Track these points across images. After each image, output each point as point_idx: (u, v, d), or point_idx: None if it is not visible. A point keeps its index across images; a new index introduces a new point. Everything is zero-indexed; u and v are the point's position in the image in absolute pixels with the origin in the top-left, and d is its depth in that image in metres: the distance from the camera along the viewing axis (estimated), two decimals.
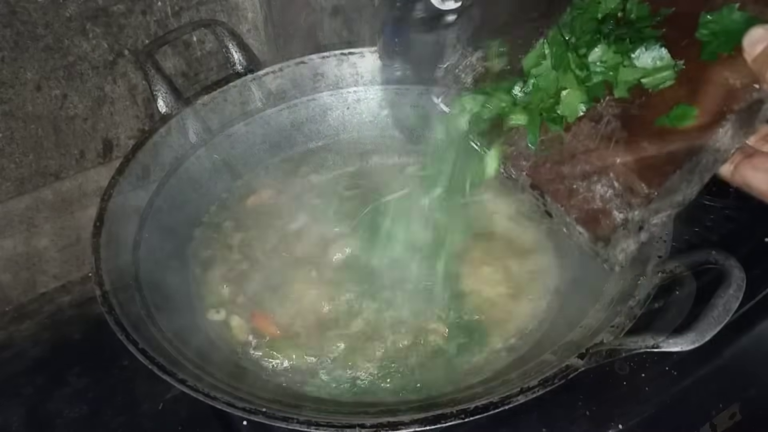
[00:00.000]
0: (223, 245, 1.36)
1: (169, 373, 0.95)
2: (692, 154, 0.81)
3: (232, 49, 1.43)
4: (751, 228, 1.38)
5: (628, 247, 0.86)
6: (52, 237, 1.51)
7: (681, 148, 0.82)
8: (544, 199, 0.91)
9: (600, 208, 0.86)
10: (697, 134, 0.82)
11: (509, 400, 0.91)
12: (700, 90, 0.84)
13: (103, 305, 1.04)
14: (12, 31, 1.27)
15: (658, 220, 0.85)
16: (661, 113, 0.85)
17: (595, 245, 0.86)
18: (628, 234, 0.84)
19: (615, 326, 0.97)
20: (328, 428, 0.90)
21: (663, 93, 0.86)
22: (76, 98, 1.41)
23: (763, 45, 0.77)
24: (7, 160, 1.38)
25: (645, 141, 0.85)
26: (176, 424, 1.20)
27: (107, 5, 1.35)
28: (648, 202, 0.83)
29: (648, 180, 0.83)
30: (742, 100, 0.80)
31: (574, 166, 0.89)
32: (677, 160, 0.82)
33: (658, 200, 0.83)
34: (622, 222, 0.84)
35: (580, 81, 0.91)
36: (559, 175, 0.90)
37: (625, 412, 1.12)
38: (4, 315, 1.49)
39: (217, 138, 1.45)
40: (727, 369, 1.17)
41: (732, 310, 0.89)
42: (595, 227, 0.86)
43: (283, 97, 1.51)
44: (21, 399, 1.28)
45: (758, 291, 1.14)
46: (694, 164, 0.82)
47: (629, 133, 0.87)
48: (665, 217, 0.86)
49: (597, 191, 0.86)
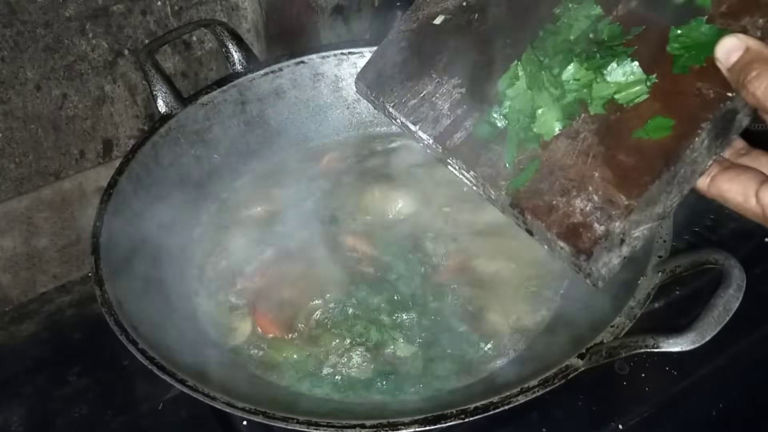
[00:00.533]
0: (223, 246, 1.36)
1: (169, 373, 0.95)
2: (670, 164, 0.81)
3: (231, 48, 1.43)
4: (751, 228, 1.38)
5: (611, 261, 0.86)
6: (52, 237, 1.51)
7: (658, 158, 0.82)
8: (524, 216, 0.91)
9: (580, 222, 0.86)
10: (673, 144, 0.82)
11: (509, 400, 0.91)
12: (674, 102, 0.84)
13: (103, 305, 1.04)
14: (12, 31, 1.27)
15: (639, 233, 0.85)
16: (637, 126, 0.85)
17: (578, 259, 0.86)
18: (610, 247, 0.84)
19: (615, 326, 0.97)
20: (328, 428, 0.90)
21: (638, 107, 0.86)
22: (76, 98, 1.41)
23: (737, 53, 0.77)
24: (7, 160, 1.38)
25: (622, 154, 0.85)
26: (176, 424, 1.20)
27: (107, 5, 1.35)
28: (628, 213, 0.83)
29: (627, 191, 0.83)
30: (716, 108, 0.80)
31: (553, 183, 0.89)
32: (655, 170, 0.82)
33: (638, 211, 0.83)
34: (603, 234, 0.84)
35: (555, 99, 0.91)
36: (538, 192, 0.90)
37: (625, 412, 1.13)
38: (4, 315, 1.49)
39: (217, 138, 1.45)
40: (727, 369, 1.17)
41: (732, 310, 0.89)
42: (576, 241, 0.85)
43: (282, 97, 1.50)
44: (21, 399, 1.28)
45: (758, 291, 1.14)
46: (672, 174, 0.82)
47: (606, 148, 0.87)
48: (646, 230, 0.86)
49: (577, 206, 0.86)
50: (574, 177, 0.88)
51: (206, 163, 1.44)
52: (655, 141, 0.83)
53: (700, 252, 0.98)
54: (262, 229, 1.37)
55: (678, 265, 1.01)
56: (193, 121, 1.40)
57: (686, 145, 0.81)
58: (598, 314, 1.03)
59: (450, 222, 1.34)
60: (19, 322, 1.47)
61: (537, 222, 0.89)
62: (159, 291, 1.21)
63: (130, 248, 1.20)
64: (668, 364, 1.18)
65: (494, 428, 1.11)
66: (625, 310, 0.98)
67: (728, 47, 0.78)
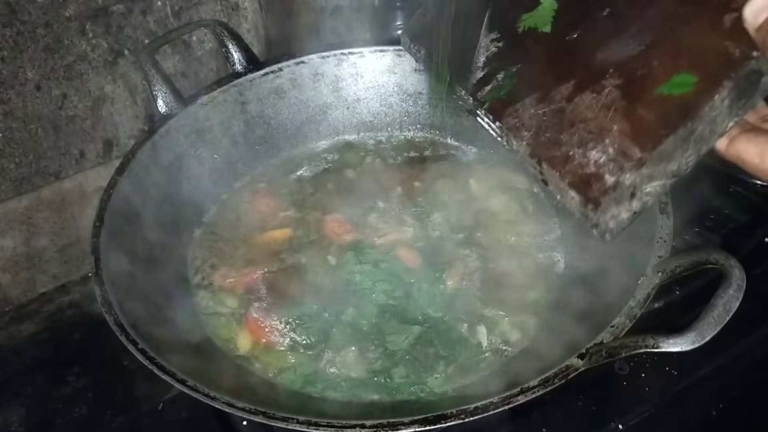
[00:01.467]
0: (223, 247, 1.36)
1: (169, 373, 0.95)
2: (687, 119, 0.82)
3: (231, 49, 1.43)
4: (751, 228, 1.38)
5: (620, 214, 0.86)
6: (52, 237, 1.51)
7: (676, 113, 0.83)
8: (541, 167, 0.93)
9: (593, 173, 0.87)
10: (693, 100, 0.83)
11: (509, 400, 0.91)
12: (700, 59, 0.85)
13: (103, 305, 1.04)
14: (12, 31, 1.27)
15: (651, 188, 0.86)
16: (661, 82, 0.86)
17: (586, 208, 0.87)
18: (619, 199, 0.85)
19: (615, 326, 0.97)
20: (328, 428, 0.90)
21: (664, 62, 0.87)
22: (76, 98, 1.41)
23: (765, 14, 0.77)
24: (7, 160, 1.38)
25: (643, 108, 0.86)
26: (176, 424, 1.20)
27: (107, 5, 1.35)
28: (640, 165, 0.83)
29: (641, 144, 0.84)
30: (739, 67, 0.81)
31: (572, 135, 0.91)
32: (672, 124, 0.83)
33: (650, 165, 0.83)
34: (612, 185, 0.85)
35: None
36: (557, 143, 0.92)
37: (625, 412, 1.13)
38: (4, 315, 1.49)
39: (217, 138, 1.45)
40: (727, 369, 1.17)
41: (732, 310, 0.89)
42: (586, 190, 0.87)
43: (283, 97, 1.51)
44: (21, 399, 1.28)
45: (758, 291, 1.14)
46: (689, 131, 0.83)
47: (629, 102, 0.88)
48: (659, 186, 0.86)
49: (591, 157, 0.88)
50: (594, 129, 0.89)
51: (206, 163, 1.44)
52: (677, 97, 0.84)
53: (700, 252, 0.98)
54: (262, 231, 1.37)
55: (678, 265, 1.01)
56: (193, 121, 1.40)
57: (706, 101, 0.82)
58: (598, 317, 1.03)
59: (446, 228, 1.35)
60: (19, 322, 1.47)
61: (552, 171, 0.91)
62: (159, 291, 1.21)
63: (130, 248, 1.20)
64: (668, 364, 1.18)
65: (494, 428, 1.11)
66: (625, 310, 0.98)
67: (757, 7, 0.78)
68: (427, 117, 1.58)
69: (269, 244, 1.36)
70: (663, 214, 1.09)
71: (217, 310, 1.26)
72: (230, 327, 1.23)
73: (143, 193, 1.29)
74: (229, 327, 1.23)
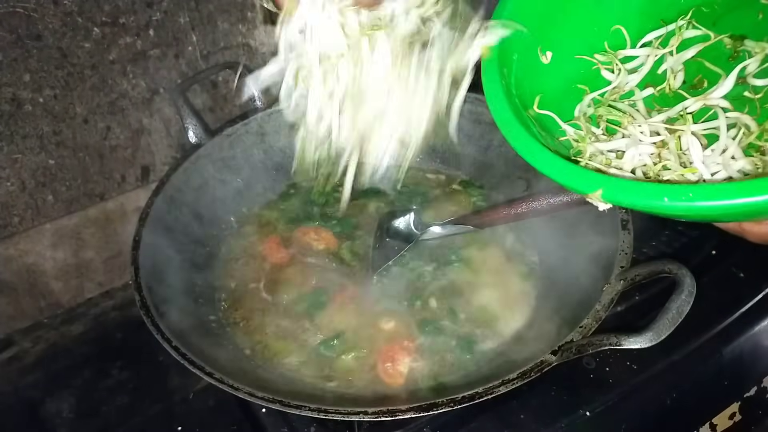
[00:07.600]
0: (247, 258, 1.36)
1: (198, 368, 0.96)
2: None
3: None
4: (700, 242, 1.38)
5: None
6: (98, 250, 1.52)
7: None
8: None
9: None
10: None
11: (492, 391, 0.91)
12: None
13: (141, 309, 1.05)
14: (63, 72, 1.28)
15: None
16: None
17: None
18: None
19: (583, 326, 0.97)
20: (336, 415, 0.90)
21: None
22: (118, 130, 1.41)
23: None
24: (59, 184, 1.38)
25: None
26: (204, 411, 1.20)
27: (145, 50, 1.36)
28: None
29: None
30: None
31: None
32: None
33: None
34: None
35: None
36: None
37: (592, 400, 1.12)
38: (56, 317, 1.49)
39: (239, 164, 1.45)
40: (679, 364, 1.17)
41: (684, 313, 0.89)
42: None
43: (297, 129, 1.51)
44: (71, 390, 1.29)
45: (707, 296, 1.14)
46: None
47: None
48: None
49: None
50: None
51: (231, 186, 1.45)
52: None
53: (656, 262, 0.98)
54: (280, 245, 1.38)
55: (638, 274, 1.01)
56: (219, 149, 1.41)
57: None
58: (569, 319, 1.03)
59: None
60: (69, 323, 1.48)
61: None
62: (192, 297, 1.22)
63: (165, 260, 1.20)
64: (629, 359, 1.18)
65: (479, 414, 1.11)
66: (592, 312, 0.98)
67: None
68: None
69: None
70: (624, 230, 1.09)
71: (238, 313, 1.25)
72: (250, 328, 1.23)
73: (176, 211, 1.30)
74: (249, 328, 1.23)
